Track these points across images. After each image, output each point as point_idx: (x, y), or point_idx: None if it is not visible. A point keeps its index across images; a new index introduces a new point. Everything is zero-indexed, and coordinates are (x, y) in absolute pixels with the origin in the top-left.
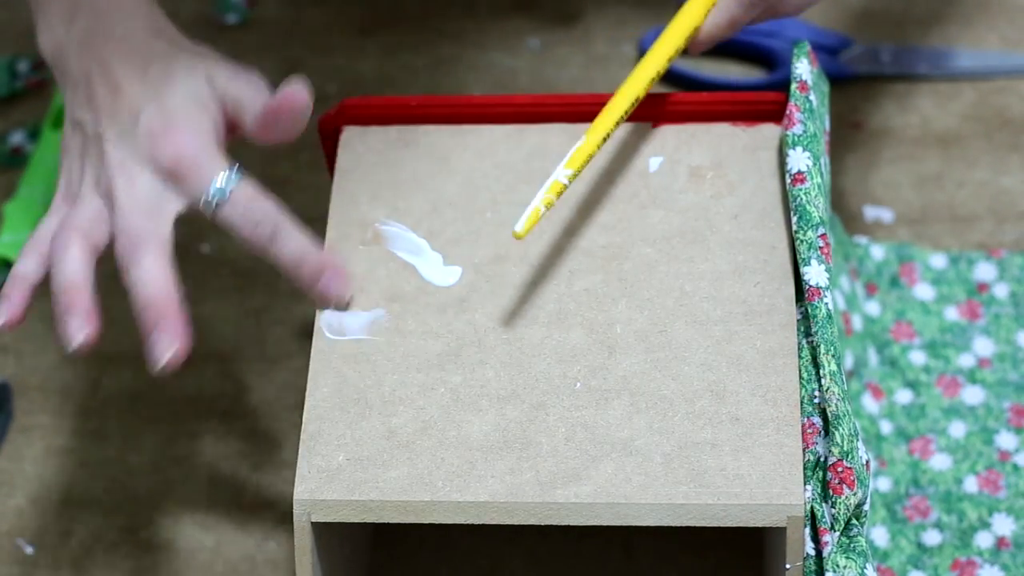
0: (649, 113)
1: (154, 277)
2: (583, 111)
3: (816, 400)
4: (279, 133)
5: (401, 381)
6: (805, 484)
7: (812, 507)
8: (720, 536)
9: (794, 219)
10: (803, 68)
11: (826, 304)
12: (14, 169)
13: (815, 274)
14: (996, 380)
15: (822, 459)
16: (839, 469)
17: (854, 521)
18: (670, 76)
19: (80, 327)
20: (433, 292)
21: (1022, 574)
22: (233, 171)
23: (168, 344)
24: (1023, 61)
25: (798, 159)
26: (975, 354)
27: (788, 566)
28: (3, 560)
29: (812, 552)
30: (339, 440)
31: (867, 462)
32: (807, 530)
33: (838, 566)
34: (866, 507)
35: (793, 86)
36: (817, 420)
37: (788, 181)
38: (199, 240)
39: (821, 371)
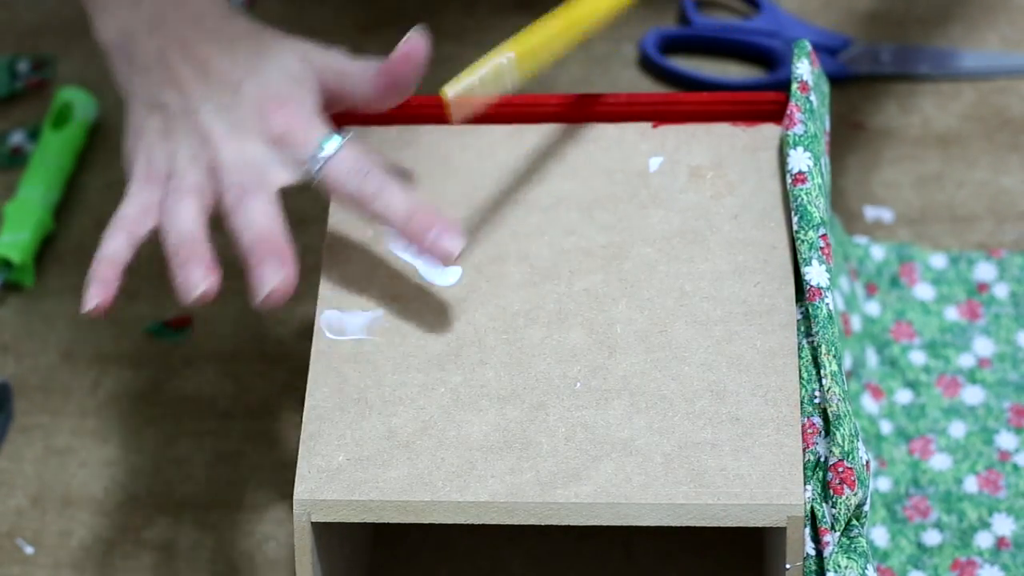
0: (649, 113)
1: (262, 215)
2: (583, 111)
3: (816, 400)
4: (396, 94)
5: (401, 381)
6: (805, 484)
7: (812, 507)
8: (720, 536)
9: (795, 219)
10: (804, 68)
11: (827, 304)
12: (14, 169)
13: (816, 274)
14: (996, 380)
15: (822, 459)
16: (840, 469)
17: (854, 522)
18: (670, 76)
19: (203, 276)
20: (433, 292)
21: (1022, 574)
22: (339, 135)
23: (274, 274)
24: (1023, 61)
25: (799, 159)
26: (975, 354)
27: (788, 566)
28: (3, 560)
29: (812, 552)
30: (339, 440)
31: (867, 462)
32: (807, 530)
33: (839, 566)
34: (866, 507)
35: (794, 86)
36: (817, 420)
37: (789, 181)
38: None
39: (822, 371)
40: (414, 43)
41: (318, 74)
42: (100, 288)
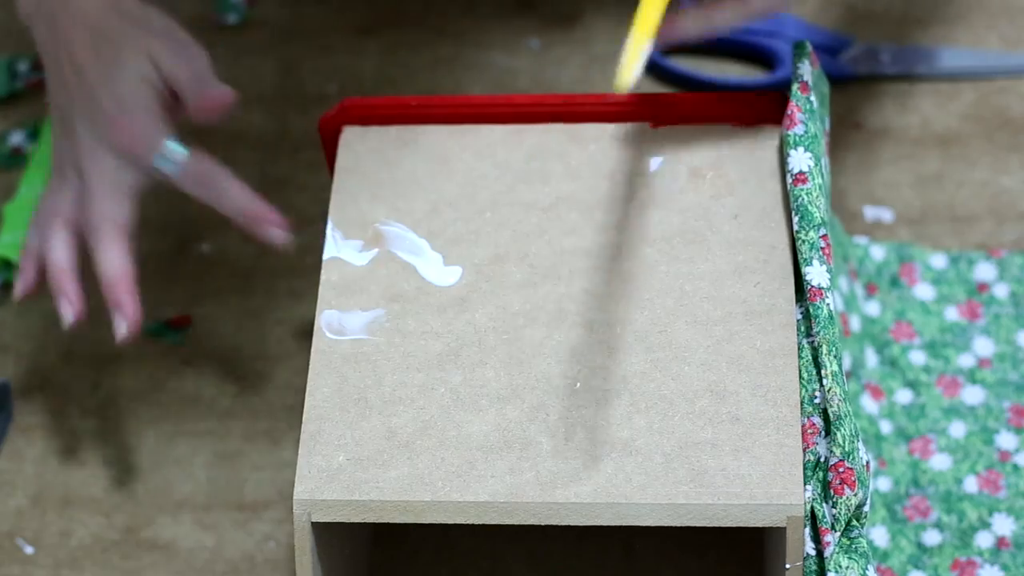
0: (649, 113)
1: (112, 259)
2: (583, 111)
3: (816, 400)
4: (206, 118)
5: (401, 381)
6: (805, 484)
7: (813, 507)
8: (720, 536)
9: (796, 219)
10: (804, 69)
11: (828, 304)
12: (14, 169)
13: (817, 274)
14: (996, 380)
15: (822, 459)
16: (840, 469)
17: (854, 522)
18: (670, 76)
19: (67, 308)
20: (433, 292)
21: (1022, 574)
22: (173, 144)
23: (120, 322)
24: (1023, 61)
25: (799, 159)
26: (975, 354)
27: (788, 566)
28: (3, 560)
29: (813, 552)
30: (339, 440)
31: (867, 463)
32: (807, 530)
33: (840, 566)
34: (866, 508)
35: (794, 86)
36: (817, 420)
37: (789, 181)
38: (199, 240)
39: (823, 371)
40: (214, 97)
41: (164, 80)
42: (22, 280)
